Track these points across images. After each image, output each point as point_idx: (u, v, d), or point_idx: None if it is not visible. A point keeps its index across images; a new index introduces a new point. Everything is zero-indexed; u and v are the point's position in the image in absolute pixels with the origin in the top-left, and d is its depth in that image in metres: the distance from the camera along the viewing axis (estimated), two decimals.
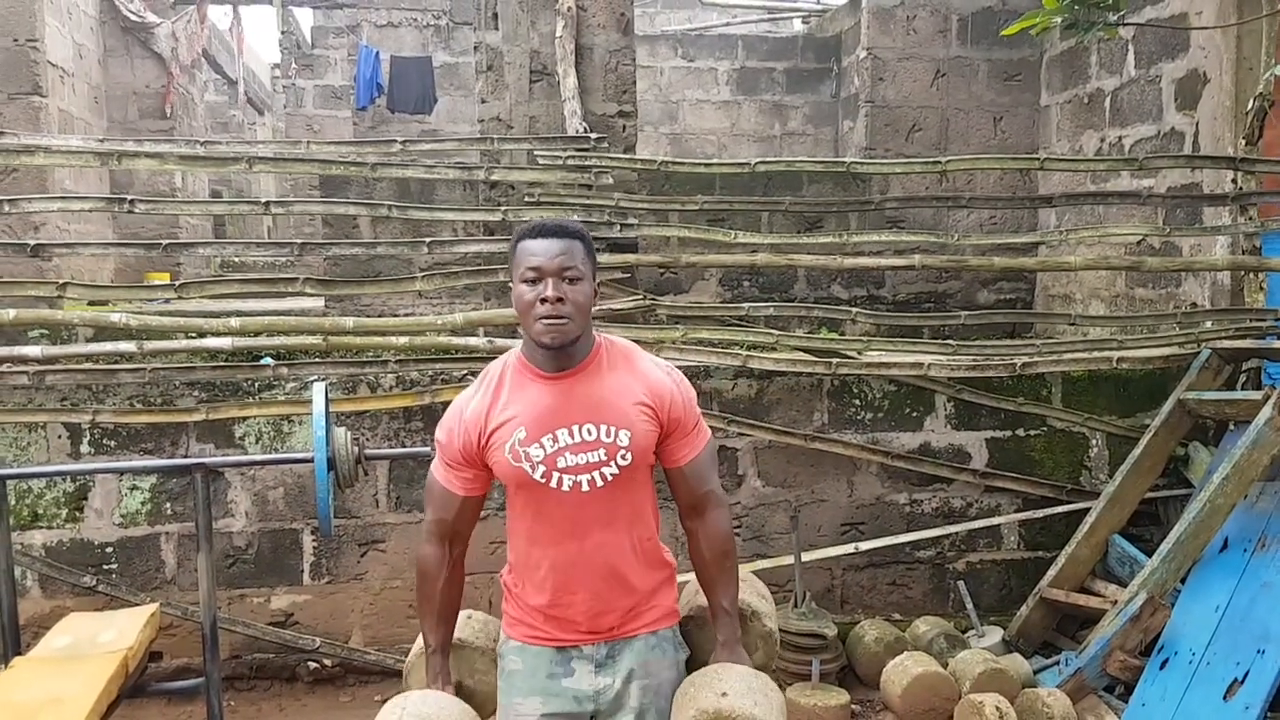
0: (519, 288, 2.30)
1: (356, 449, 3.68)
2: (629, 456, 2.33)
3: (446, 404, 4.92)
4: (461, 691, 2.58)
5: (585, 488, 2.32)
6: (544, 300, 2.25)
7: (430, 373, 4.99)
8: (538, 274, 2.27)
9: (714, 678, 2.37)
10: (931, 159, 5.50)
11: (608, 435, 2.32)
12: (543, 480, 2.32)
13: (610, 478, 2.33)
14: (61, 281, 4.87)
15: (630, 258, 5.16)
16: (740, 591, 2.63)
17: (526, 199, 5.12)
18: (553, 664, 2.42)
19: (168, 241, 5.04)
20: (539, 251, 2.28)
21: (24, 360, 4.69)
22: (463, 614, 2.67)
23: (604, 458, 2.32)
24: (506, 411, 2.35)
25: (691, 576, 2.64)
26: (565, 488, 2.32)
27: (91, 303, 5.28)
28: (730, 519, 2.54)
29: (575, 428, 2.32)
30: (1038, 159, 6.06)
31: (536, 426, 2.32)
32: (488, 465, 2.40)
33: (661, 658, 2.44)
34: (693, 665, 2.55)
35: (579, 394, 2.34)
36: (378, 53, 10.62)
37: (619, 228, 5.06)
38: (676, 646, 2.51)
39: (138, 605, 4.30)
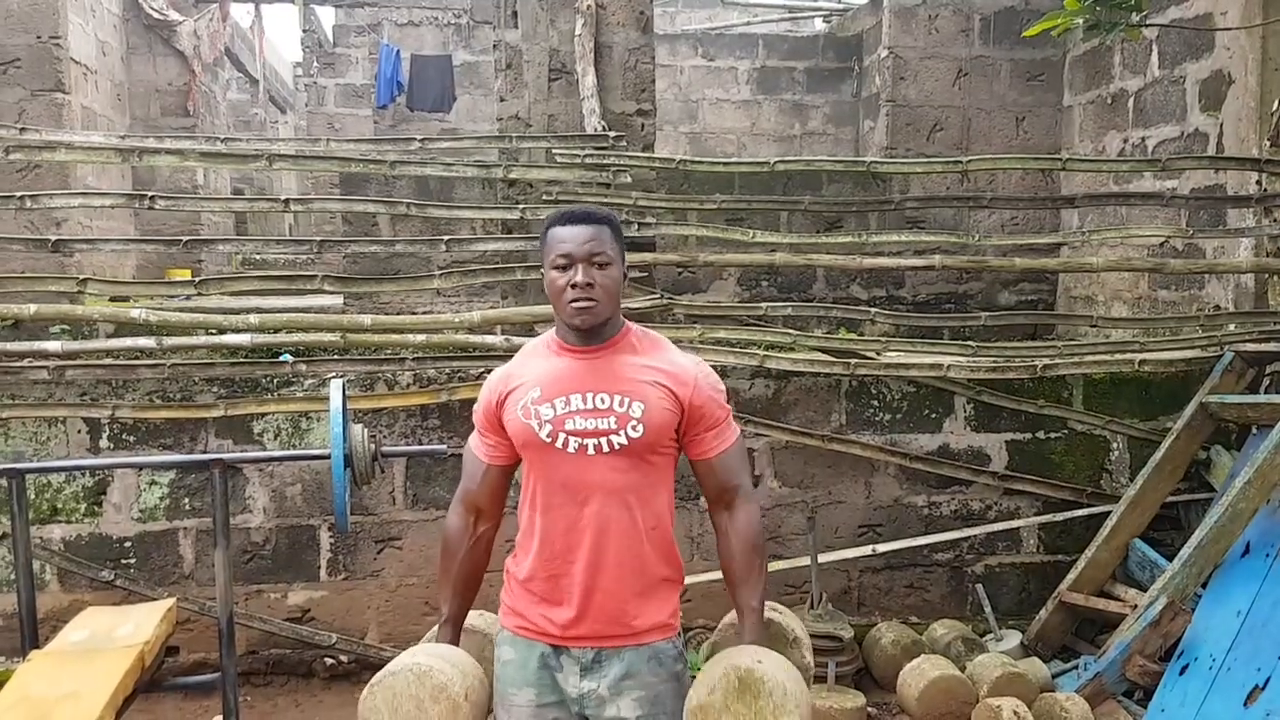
0: (550, 274, 2.37)
1: (373, 446, 3.68)
2: (640, 429, 2.33)
3: (463, 402, 4.98)
4: None
5: (591, 451, 2.34)
6: (574, 285, 2.31)
7: (447, 370, 5.00)
8: (568, 260, 2.33)
9: (749, 650, 2.35)
10: (953, 159, 5.48)
11: (620, 405, 2.34)
12: (549, 439, 2.34)
13: (618, 446, 2.33)
14: (82, 277, 4.90)
15: (648, 256, 5.15)
16: (783, 617, 2.62)
17: (545, 197, 5.12)
18: (545, 657, 2.40)
19: (188, 238, 5.08)
20: (569, 238, 2.35)
21: (44, 355, 4.72)
22: (474, 612, 2.67)
23: (614, 425, 2.33)
24: (527, 374, 2.43)
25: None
26: (571, 449, 2.34)
27: (112, 299, 5.31)
28: (760, 517, 2.51)
29: (589, 394, 2.36)
30: (1060, 159, 6.02)
31: (551, 388, 2.37)
32: (504, 428, 2.44)
33: (657, 669, 2.39)
34: None
35: (599, 366, 2.39)
36: (398, 51, 10.65)
37: (637, 226, 5.05)
38: (674, 659, 2.44)
39: (155, 600, 4.30)
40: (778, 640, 2.62)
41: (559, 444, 2.34)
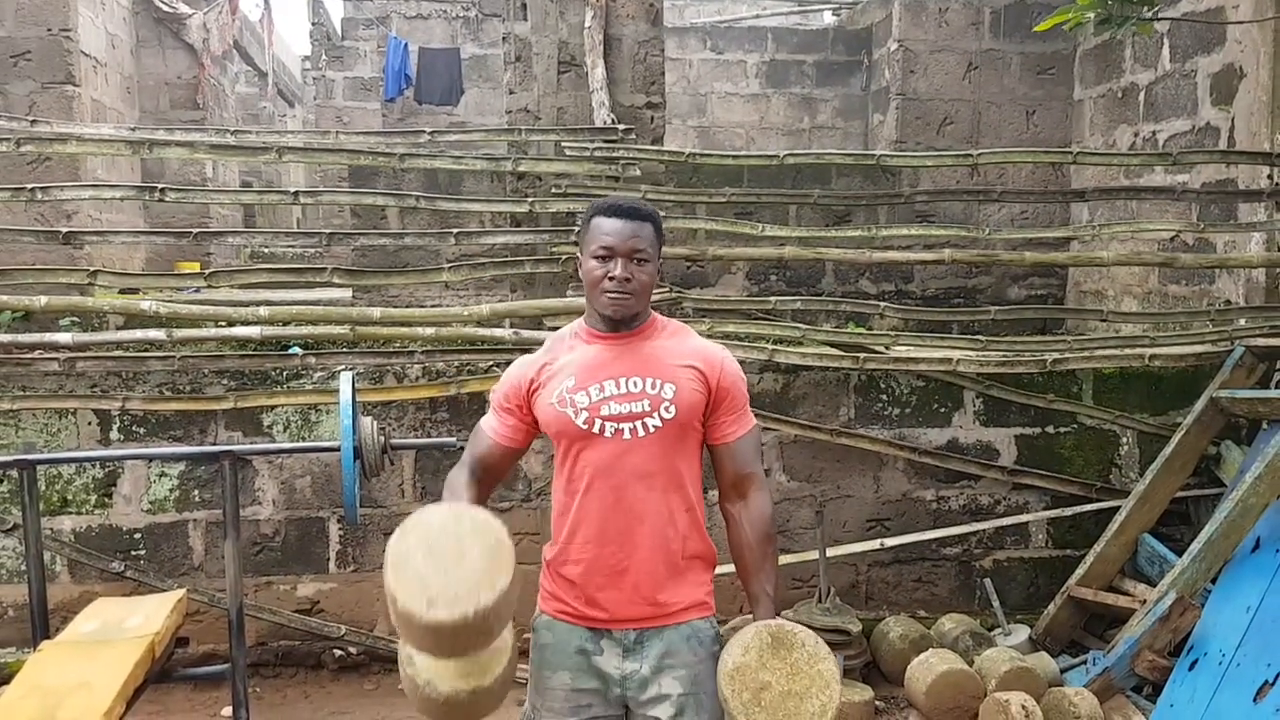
0: (589, 263, 2.41)
1: (382, 439, 3.69)
2: (673, 410, 2.39)
3: (471, 395, 4.98)
4: None
5: (628, 435, 2.38)
6: (611, 278, 2.37)
7: (456, 364, 5.00)
8: (609, 252, 2.39)
9: (775, 620, 2.38)
10: (963, 152, 5.46)
11: (653, 387, 2.40)
12: (585, 426, 2.39)
13: (653, 429, 2.39)
14: (92, 269, 4.91)
15: None
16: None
17: (554, 191, 5.12)
18: (584, 640, 2.43)
19: (197, 230, 5.09)
20: (612, 231, 2.40)
21: (55, 347, 4.74)
22: None
23: (648, 408, 2.39)
24: (559, 362, 2.47)
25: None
26: (608, 434, 2.39)
27: (122, 291, 5.32)
28: (772, 504, 2.55)
29: (622, 379, 2.41)
30: (1070, 153, 6.00)
31: (585, 376, 2.42)
32: (532, 415, 2.48)
33: (696, 647, 2.43)
34: None
35: (630, 351, 2.44)
36: (406, 44, 10.65)
37: None
38: (711, 638, 2.48)
39: (165, 591, 4.33)
40: None
41: (596, 429, 2.39)
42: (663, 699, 2.40)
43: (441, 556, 2.05)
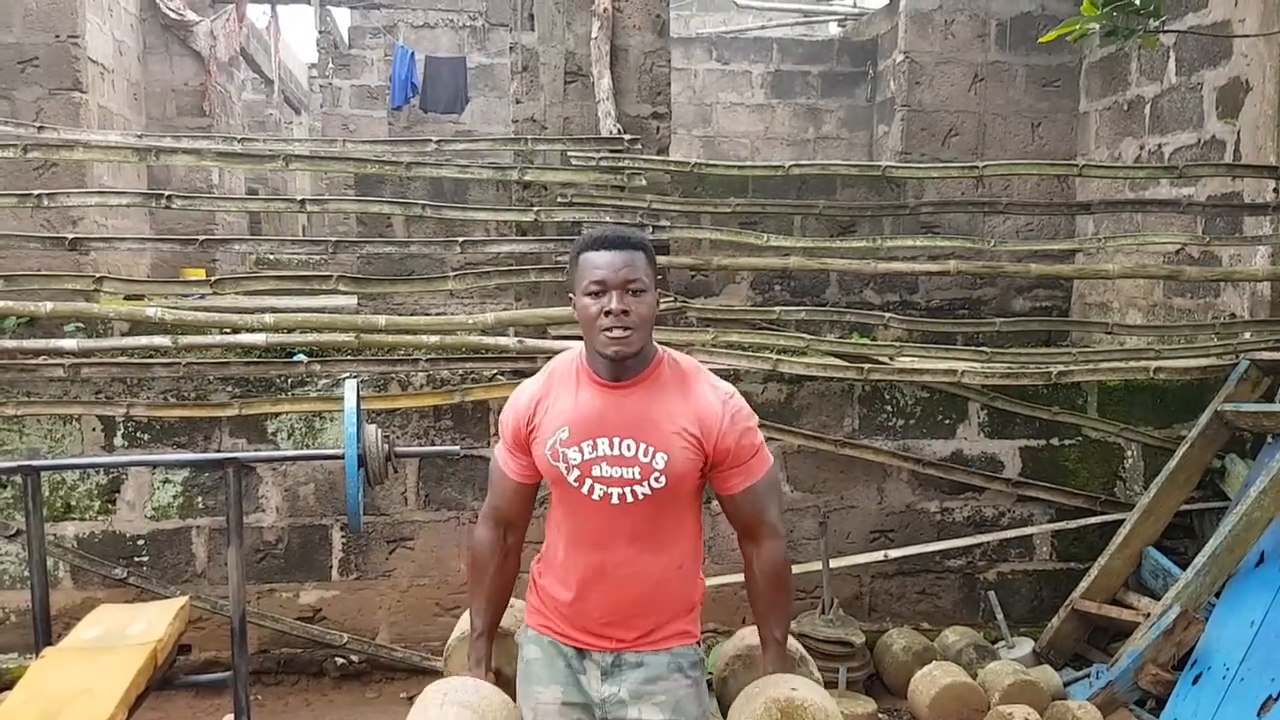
0: (582, 300, 2.31)
1: (387, 446, 3.69)
2: (663, 480, 2.32)
3: (476, 403, 4.98)
4: (500, 679, 2.59)
5: (615, 500, 2.33)
6: (608, 313, 2.26)
7: (461, 372, 5.00)
8: (601, 287, 2.28)
9: (780, 680, 2.36)
10: (968, 164, 5.47)
11: (645, 455, 2.32)
12: (575, 484, 2.34)
13: (642, 497, 2.33)
14: (98, 275, 4.92)
15: (661, 260, 5.13)
16: (790, 645, 2.61)
17: (559, 200, 5.12)
18: (570, 657, 2.43)
19: (203, 238, 5.09)
20: (603, 265, 2.29)
21: (60, 353, 4.74)
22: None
23: (638, 476, 2.32)
24: (556, 407, 2.39)
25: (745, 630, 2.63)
26: (596, 496, 2.34)
27: (128, 297, 5.33)
28: (785, 551, 2.50)
29: (616, 440, 2.33)
30: (1076, 165, 6.00)
31: (580, 430, 2.34)
32: (533, 456, 2.44)
33: (675, 672, 2.41)
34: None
35: (628, 407, 2.35)
36: (413, 53, 10.68)
37: (651, 230, 5.04)
38: (693, 664, 2.45)
39: (168, 598, 4.32)
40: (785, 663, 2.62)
41: (585, 490, 2.34)
42: None
43: None
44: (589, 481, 2.33)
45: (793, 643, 2.73)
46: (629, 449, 2.32)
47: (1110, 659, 4.67)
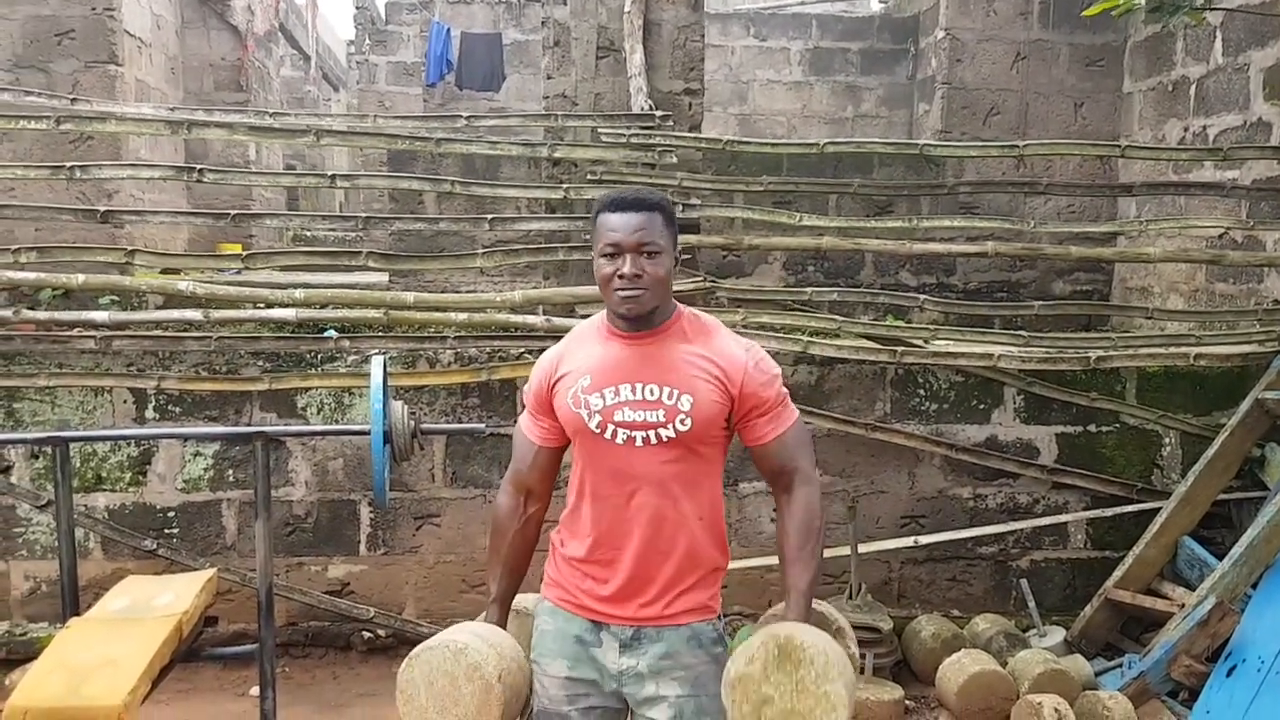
0: (598, 261, 2.34)
1: (413, 423, 3.68)
2: (688, 422, 2.31)
3: (503, 381, 4.97)
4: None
5: (639, 444, 2.33)
6: (621, 276, 2.28)
7: (488, 350, 4.99)
8: (616, 249, 2.30)
9: (790, 623, 2.29)
10: (1009, 143, 5.36)
11: (669, 398, 2.32)
12: (597, 430, 2.34)
13: (665, 439, 2.32)
14: (131, 249, 4.94)
15: (692, 239, 5.10)
16: (824, 607, 2.57)
17: (589, 177, 5.08)
18: (583, 630, 2.41)
19: (235, 212, 5.10)
20: (618, 226, 2.30)
21: (93, 325, 4.78)
22: (522, 595, 2.66)
23: (662, 419, 2.32)
24: (577, 359, 2.41)
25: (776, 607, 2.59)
26: (619, 440, 2.33)
27: (163, 271, 5.36)
28: (820, 499, 2.43)
29: (639, 385, 2.33)
30: (1119, 146, 5.86)
31: (601, 377, 2.35)
32: (556, 414, 2.43)
33: (696, 649, 2.39)
34: None
35: (650, 355, 2.36)
36: (449, 29, 10.62)
37: (682, 208, 4.99)
38: (713, 640, 2.43)
39: (197, 570, 4.35)
40: (820, 628, 2.55)
41: (607, 435, 2.34)
42: (660, 700, 2.36)
43: (440, 696, 2.34)
44: (611, 426, 2.33)
45: (832, 612, 2.68)
46: (652, 393, 2.32)
47: (1143, 649, 4.60)
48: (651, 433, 2.32)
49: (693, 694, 2.36)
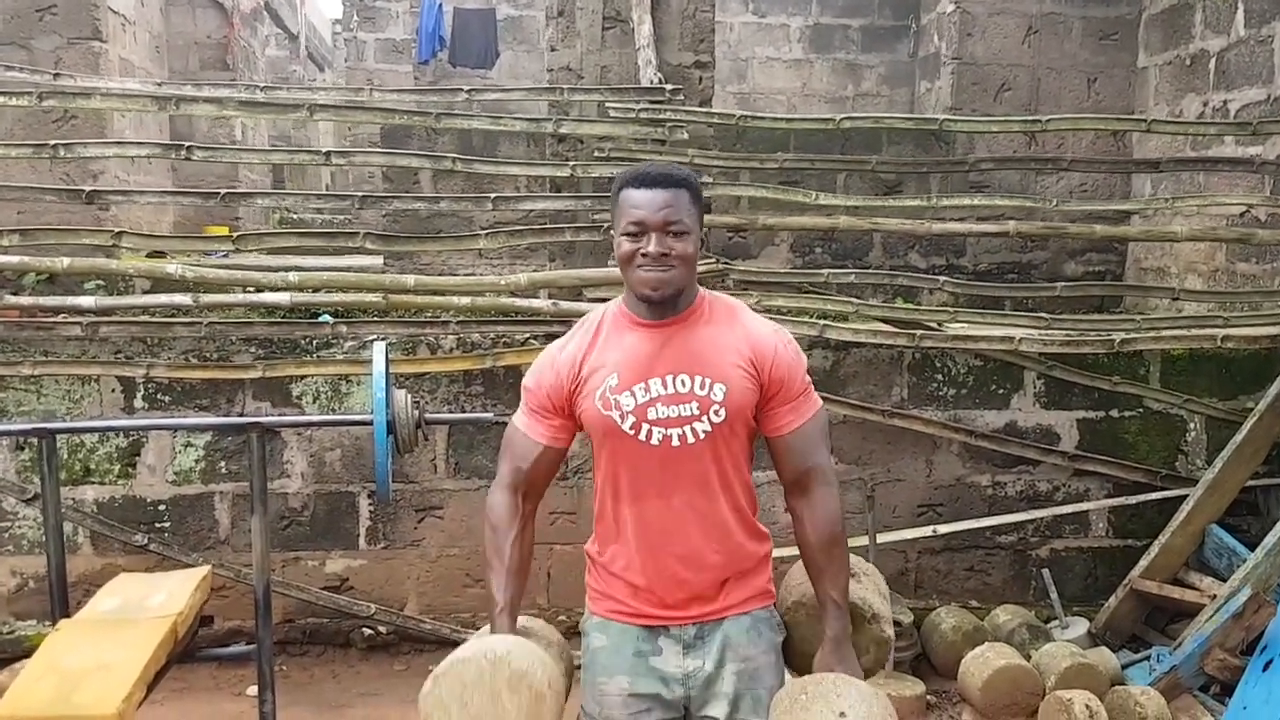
0: (620, 240, 2.21)
1: (417, 413, 3.52)
2: (723, 413, 2.21)
3: (507, 368, 4.78)
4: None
5: (675, 442, 2.21)
6: (645, 255, 2.17)
7: (492, 335, 4.81)
8: (640, 227, 2.18)
9: (831, 691, 2.12)
10: (1029, 118, 5.19)
11: (702, 388, 2.21)
12: (631, 431, 2.21)
13: (702, 435, 2.21)
14: (117, 231, 4.75)
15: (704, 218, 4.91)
16: (861, 587, 2.48)
17: (596, 154, 4.90)
18: (640, 641, 2.28)
19: (224, 191, 4.91)
20: (643, 203, 2.18)
21: (79, 311, 4.60)
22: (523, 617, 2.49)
23: (697, 411, 2.20)
24: (601, 357, 2.27)
25: (795, 569, 2.48)
26: (655, 441, 2.21)
27: (149, 254, 5.16)
28: (840, 500, 2.33)
29: (669, 377, 2.21)
30: (1144, 120, 5.70)
31: (629, 374, 2.22)
32: (575, 414, 2.30)
33: (756, 639, 2.30)
34: (798, 657, 2.38)
35: (676, 343, 2.24)
36: (440, 4, 10.38)
37: None
38: (773, 628, 2.35)
39: (189, 565, 4.20)
40: (855, 620, 2.40)
41: (642, 436, 2.21)
42: (720, 696, 2.26)
43: (478, 716, 2.02)
44: (646, 426, 2.21)
45: (866, 596, 2.53)
46: (684, 384, 2.21)
47: (1168, 640, 4.49)
48: (687, 429, 2.21)
49: (750, 688, 2.27)
